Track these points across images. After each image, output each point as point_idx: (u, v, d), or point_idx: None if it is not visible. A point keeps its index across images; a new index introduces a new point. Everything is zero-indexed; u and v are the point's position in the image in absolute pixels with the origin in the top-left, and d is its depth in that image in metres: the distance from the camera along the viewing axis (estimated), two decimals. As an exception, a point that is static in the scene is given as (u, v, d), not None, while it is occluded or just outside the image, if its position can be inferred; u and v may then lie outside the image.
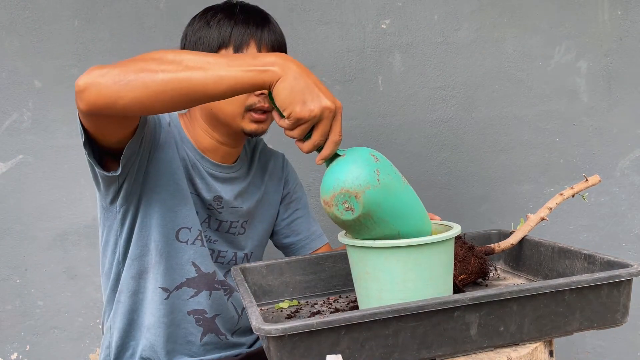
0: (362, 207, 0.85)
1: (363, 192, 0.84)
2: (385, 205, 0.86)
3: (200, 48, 1.14)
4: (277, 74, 0.84)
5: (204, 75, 0.85)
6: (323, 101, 0.84)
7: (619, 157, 1.87)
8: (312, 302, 1.17)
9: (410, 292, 0.89)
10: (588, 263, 1.03)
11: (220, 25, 1.14)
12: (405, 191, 0.90)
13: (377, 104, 1.77)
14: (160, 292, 1.18)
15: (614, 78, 1.85)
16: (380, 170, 0.86)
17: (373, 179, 0.85)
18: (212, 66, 0.85)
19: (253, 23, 1.14)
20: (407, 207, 0.90)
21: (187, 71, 0.85)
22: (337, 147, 0.88)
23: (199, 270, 1.20)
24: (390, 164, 0.90)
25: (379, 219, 0.87)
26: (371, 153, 0.89)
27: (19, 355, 1.66)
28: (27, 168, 1.63)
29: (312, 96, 0.84)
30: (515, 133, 1.83)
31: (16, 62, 1.60)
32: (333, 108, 0.85)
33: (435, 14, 1.77)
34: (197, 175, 1.20)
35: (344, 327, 0.80)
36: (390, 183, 0.87)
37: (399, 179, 0.90)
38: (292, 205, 1.39)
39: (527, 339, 0.90)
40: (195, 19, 1.18)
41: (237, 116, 1.15)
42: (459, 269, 1.09)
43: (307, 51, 1.73)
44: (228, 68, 0.85)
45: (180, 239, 1.18)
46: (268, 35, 1.15)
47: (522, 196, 1.85)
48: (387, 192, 0.86)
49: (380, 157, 0.90)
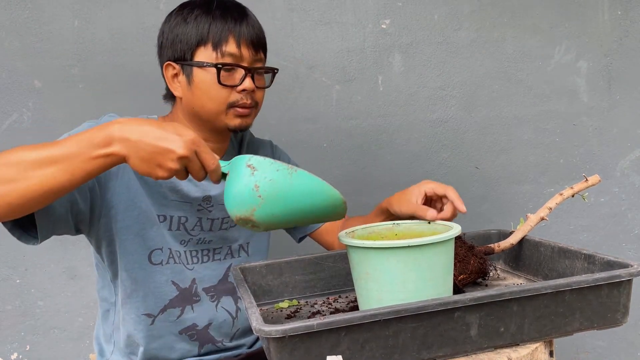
0: (261, 222, 0.89)
1: (252, 214, 0.88)
2: (280, 210, 0.88)
3: (178, 46, 1.12)
4: (121, 154, 0.87)
5: (59, 178, 0.86)
6: (175, 153, 0.86)
7: (619, 157, 1.87)
8: (311, 302, 1.17)
9: (410, 293, 0.89)
10: (588, 263, 1.03)
11: (197, 21, 1.11)
12: (295, 182, 0.87)
13: (377, 104, 1.77)
14: (144, 319, 1.16)
15: (614, 78, 1.85)
16: (259, 184, 0.87)
17: (254, 199, 0.87)
18: (61, 164, 0.86)
19: (231, 18, 1.12)
20: (304, 195, 0.88)
21: (41, 179, 0.86)
22: (218, 171, 0.92)
23: (178, 287, 1.18)
24: (268, 164, 0.87)
25: (284, 220, 0.90)
26: (247, 164, 0.88)
27: (19, 355, 1.66)
28: (27, 168, 1.63)
29: (162, 156, 0.86)
30: (515, 133, 1.83)
31: (16, 62, 1.60)
32: (187, 152, 0.87)
33: (435, 14, 1.77)
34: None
35: (345, 328, 0.80)
36: (274, 190, 0.87)
37: (283, 176, 0.87)
38: None
39: (527, 340, 0.90)
40: (172, 16, 1.15)
41: (220, 113, 1.13)
42: (459, 268, 1.09)
43: (307, 51, 1.73)
44: (76, 162, 0.86)
45: (153, 262, 1.15)
46: (247, 30, 1.12)
47: (522, 196, 1.85)
48: (274, 200, 0.87)
49: (257, 162, 0.88)
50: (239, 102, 1.12)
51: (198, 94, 1.12)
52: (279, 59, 1.71)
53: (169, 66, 1.14)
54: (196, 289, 1.20)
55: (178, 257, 1.18)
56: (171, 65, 1.14)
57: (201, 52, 1.11)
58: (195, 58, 1.12)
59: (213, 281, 1.22)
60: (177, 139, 0.86)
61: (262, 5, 1.70)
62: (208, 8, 1.12)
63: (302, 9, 1.72)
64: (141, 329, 1.16)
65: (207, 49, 1.11)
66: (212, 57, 1.11)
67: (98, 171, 0.89)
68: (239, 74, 1.12)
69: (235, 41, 1.11)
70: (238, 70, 1.12)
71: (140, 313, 1.16)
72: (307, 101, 1.74)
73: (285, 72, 1.72)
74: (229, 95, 1.12)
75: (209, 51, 1.11)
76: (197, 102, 1.13)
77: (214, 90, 1.11)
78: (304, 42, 1.72)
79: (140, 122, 0.88)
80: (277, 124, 1.72)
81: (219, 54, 1.10)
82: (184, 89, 1.14)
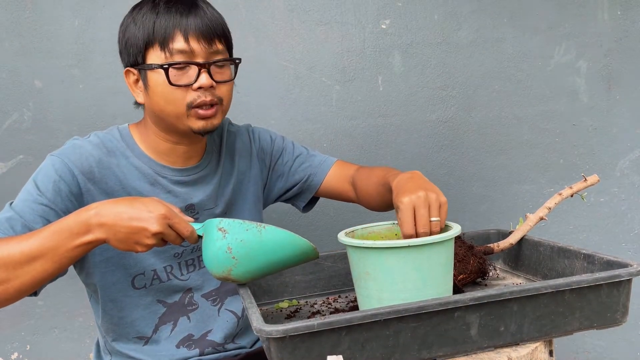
0: (239, 279, 0.97)
1: (229, 274, 0.95)
2: (254, 266, 0.95)
3: (130, 50, 1.07)
4: (101, 239, 0.92)
5: (47, 268, 0.92)
6: (149, 231, 0.90)
7: (618, 157, 1.87)
8: (311, 302, 1.17)
9: (410, 292, 0.89)
10: (587, 263, 1.03)
11: (143, 20, 1.04)
12: (265, 238, 0.93)
13: (377, 104, 1.77)
14: (136, 341, 1.15)
15: (613, 78, 1.85)
16: (231, 246, 0.93)
17: (229, 261, 0.94)
18: (47, 256, 0.92)
19: (176, 11, 1.03)
20: (276, 250, 0.94)
21: (32, 273, 0.92)
22: (194, 235, 0.96)
23: (165, 304, 1.15)
24: (238, 225, 0.93)
25: (261, 273, 0.97)
26: (218, 227, 0.94)
27: (19, 355, 1.66)
28: (27, 168, 1.63)
29: (137, 235, 0.91)
30: (515, 133, 1.83)
31: (16, 62, 1.60)
32: (160, 228, 0.91)
33: (435, 14, 1.77)
34: (162, 190, 1.13)
35: (345, 328, 0.80)
36: (246, 250, 0.93)
37: (253, 235, 0.93)
38: (287, 162, 1.31)
39: (527, 339, 0.90)
40: (124, 20, 1.10)
41: (181, 116, 1.06)
42: (459, 268, 1.09)
43: (307, 51, 1.73)
44: (60, 252, 0.92)
45: (136, 286, 1.13)
46: (194, 22, 1.03)
47: (522, 196, 1.85)
48: (248, 259, 0.94)
49: (227, 225, 0.93)
50: (197, 101, 1.04)
51: (155, 99, 1.06)
52: (279, 59, 1.71)
53: (128, 72, 1.09)
54: (191, 298, 1.18)
55: (169, 271, 1.15)
56: (130, 71, 1.09)
57: (151, 53, 1.05)
58: (147, 60, 1.05)
59: (215, 284, 1.20)
60: (148, 217, 0.91)
61: (262, 5, 1.70)
62: (154, 5, 1.05)
63: (302, 9, 1.72)
64: (138, 349, 1.15)
65: (155, 50, 1.04)
66: (162, 57, 1.04)
67: (82, 254, 0.95)
68: (193, 70, 1.04)
69: (182, 36, 1.03)
70: (192, 67, 1.04)
71: (133, 337, 1.15)
72: (307, 101, 1.74)
73: (285, 72, 1.72)
74: (185, 95, 1.04)
75: (157, 51, 1.04)
76: (156, 106, 1.07)
77: (168, 92, 1.04)
78: (304, 42, 1.73)
79: (114, 203, 0.92)
80: (277, 124, 1.72)
81: (167, 52, 1.03)
82: (144, 95, 1.09)
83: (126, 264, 1.11)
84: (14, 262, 0.91)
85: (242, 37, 1.68)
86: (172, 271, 1.15)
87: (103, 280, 1.11)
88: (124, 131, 1.15)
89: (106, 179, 1.09)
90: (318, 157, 1.33)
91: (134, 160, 1.12)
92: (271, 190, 1.33)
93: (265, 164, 1.31)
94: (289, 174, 1.32)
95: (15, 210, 1.01)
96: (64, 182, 1.04)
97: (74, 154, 1.07)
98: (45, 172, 1.05)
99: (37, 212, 1.01)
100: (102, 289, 1.12)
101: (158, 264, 1.14)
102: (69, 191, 1.05)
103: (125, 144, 1.13)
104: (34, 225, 1.00)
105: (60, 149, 1.09)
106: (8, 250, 0.91)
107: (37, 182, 1.04)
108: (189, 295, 1.18)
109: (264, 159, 1.30)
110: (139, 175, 1.12)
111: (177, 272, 1.16)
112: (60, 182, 1.04)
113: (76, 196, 1.06)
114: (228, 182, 1.22)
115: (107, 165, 1.10)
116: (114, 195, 1.09)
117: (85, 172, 1.07)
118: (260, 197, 1.30)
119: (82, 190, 1.07)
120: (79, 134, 1.63)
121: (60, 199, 1.04)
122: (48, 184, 1.03)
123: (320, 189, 1.33)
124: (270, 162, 1.31)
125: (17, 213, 1.01)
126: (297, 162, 1.32)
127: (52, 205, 1.02)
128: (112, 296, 1.12)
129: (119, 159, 1.11)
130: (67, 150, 1.09)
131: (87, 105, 1.63)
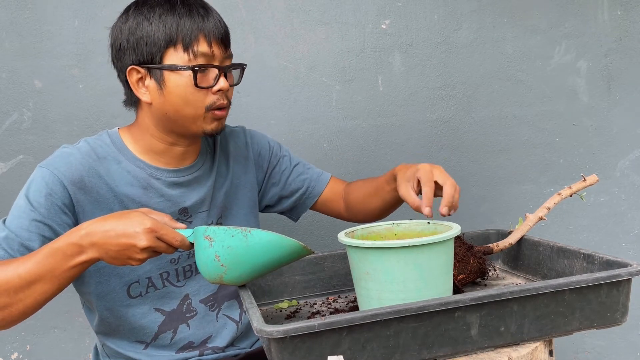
0: (232, 283, 0.98)
1: (221, 280, 0.96)
2: (245, 270, 0.95)
3: (143, 48, 1.05)
4: (95, 258, 0.94)
5: (48, 289, 0.95)
6: (138, 246, 0.92)
7: (618, 157, 1.87)
8: (311, 302, 1.17)
9: (410, 292, 0.89)
10: (587, 263, 1.03)
11: (163, 20, 1.04)
12: (252, 242, 0.93)
13: (377, 104, 1.77)
14: (136, 345, 1.15)
15: (613, 78, 1.85)
16: (218, 254, 0.94)
17: (218, 268, 0.95)
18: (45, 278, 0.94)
19: (197, 14, 1.05)
20: (264, 252, 0.94)
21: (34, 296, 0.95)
22: (185, 243, 0.96)
23: (164, 312, 1.15)
24: (223, 233, 0.93)
25: (253, 275, 0.97)
26: (205, 236, 0.94)
27: (19, 355, 1.66)
28: (27, 168, 1.63)
29: (128, 251, 0.92)
30: (515, 133, 1.83)
31: (16, 62, 1.60)
32: (149, 242, 0.92)
33: (435, 14, 1.77)
34: (155, 194, 1.12)
35: (346, 328, 0.80)
36: (234, 257, 0.94)
37: (239, 240, 0.93)
38: (285, 171, 1.31)
39: (528, 339, 0.90)
40: (129, 16, 1.08)
41: (198, 118, 1.07)
42: (458, 268, 1.09)
43: (307, 51, 1.73)
44: (57, 273, 0.94)
45: (132, 295, 1.12)
46: (214, 26, 1.06)
47: (522, 196, 1.85)
48: (237, 265, 0.94)
49: (213, 233, 0.94)
50: (217, 103, 1.07)
51: (172, 99, 1.06)
52: (279, 59, 1.71)
53: (132, 70, 1.07)
54: (189, 305, 1.17)
55: (164, 278, 1.14)
56: (135, 69, 1.07)
57: (171, 53, 1.05)
58: (166, 60, 1.05)
59: (212, 289, 1.19)
60: (135, 233, 0.91)
61: (262, 5, 1.70)
62: (171, 5, 1.06)
63: (302, 9, 1.72)
64: (138, 351, 1.15)
65: (177, 50, 1.04)
66: (184, 58, 1.04)
67: (81, 272, 0.97)
68: (213, 74, 1.07)
69: (205, 40, 1.05)
70: (211, 71, 1.07)
71: (133, 340, 1.15)
72: (307, 101, 1.74)
73: (285, 72, 1.72)
74: (204, 97, 1.06)
75: (180, 52, 1.04)
76: (171, 107, 1.06)
77: (189, 93, 1.05)
78: (304, 42, 1.73)
79: (102, 221, 0.93)
80: (277, 124, 1.72)
81: (191, 54, 1.04)
82: (154, 94, 1.07)
83: (120, 273, 1.11)
84: (14, 287, 0.93)
85: (242, 37, 1.68)
86: (168, 277, 1.15)
87: (98, 289, 1.11)
88: (114, 136, 1.14)
89: (97, 188, 1.08)
90: (315, 169, 1.36)
91: (127, 165, 1.11)
92: (264, 196, 1.32)
93: (262, 170, 1.31)
94: (286, 182, 1.32)
95: (10, 228, 1.01)
96: (55, 195, 1.04)
97: (64, 164, 1.06)
98: (36, 186, 1.04)
99: (32, 229, 1.02)
100: (98, 299, 1.11)
101: (153, 270, 1.13)
102: (62, 203, 1.05)
103: (116, 148, 1.12)
104: (30, 243, 1.01)
105: (49, 159, 1.08)
106: (6, 275, 0.93)
107: (29, 197, 1.03)
108: (187, 301, 1.17)
109: (262, 165, 1.30)
110: (132, 179, 1.11)
111: (174, 279, 1.15)
112: (51, 196, 1.04)
113: (68, 207, 1.06)
114: (222, 185, 1.22)
115: (98, 173, 1.09)
116: (105, 203, 1.09)
117: (75, 182, 1.06)
118: (256, 203, 1.30)
119: (73, 200, 1.06)
120: (79, 134, 1.63)
121: (53, 212, 1.04)
122: (40, 198, 1.03)
123: (317, 201, 1.35)
124: (267, 168, 1.31)
125: (12, 232, 1.01)
126: (295, 171, 1.32)
127: (46, 220, 1.03)
128: (108, 305, 1.12)
129: (110, 165, 1.10)
130: (56, 160, 1.07)
131: (87, 105, 1.63)
